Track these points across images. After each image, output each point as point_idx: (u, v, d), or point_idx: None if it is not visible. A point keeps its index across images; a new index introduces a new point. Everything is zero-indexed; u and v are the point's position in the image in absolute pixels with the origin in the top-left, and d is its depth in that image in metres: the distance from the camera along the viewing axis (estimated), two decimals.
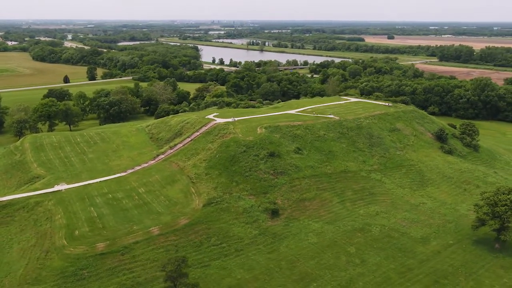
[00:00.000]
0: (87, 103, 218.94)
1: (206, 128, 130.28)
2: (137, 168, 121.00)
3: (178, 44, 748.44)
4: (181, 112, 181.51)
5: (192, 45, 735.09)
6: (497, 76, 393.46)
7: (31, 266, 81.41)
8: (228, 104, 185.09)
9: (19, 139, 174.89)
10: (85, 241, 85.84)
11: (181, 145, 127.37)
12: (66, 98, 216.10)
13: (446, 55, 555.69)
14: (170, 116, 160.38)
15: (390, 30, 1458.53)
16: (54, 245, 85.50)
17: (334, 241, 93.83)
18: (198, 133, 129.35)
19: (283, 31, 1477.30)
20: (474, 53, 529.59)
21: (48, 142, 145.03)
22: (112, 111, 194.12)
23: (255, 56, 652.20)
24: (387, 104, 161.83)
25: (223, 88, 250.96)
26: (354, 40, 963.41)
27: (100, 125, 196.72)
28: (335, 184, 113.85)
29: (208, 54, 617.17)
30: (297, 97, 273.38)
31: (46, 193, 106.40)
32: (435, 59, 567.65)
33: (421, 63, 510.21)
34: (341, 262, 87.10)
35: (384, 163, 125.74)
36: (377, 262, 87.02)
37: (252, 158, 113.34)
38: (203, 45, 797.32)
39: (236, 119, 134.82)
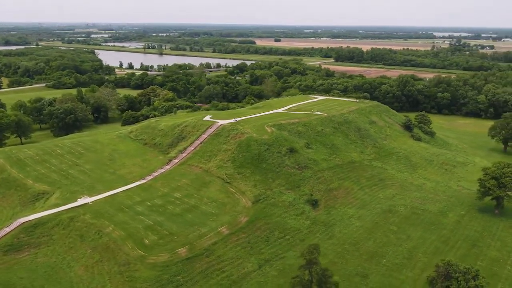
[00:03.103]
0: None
1: (213, 130, 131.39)
2: (155, 174, 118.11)
3: (72, 48, 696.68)
4: (152, 117, 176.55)
5: (85, 49, 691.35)
6: (391, 74, 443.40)
7: (118, 281, 77.68)
8: (197, 108, 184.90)
9: None
10: (163, 249, 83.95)
11: (192, 148, 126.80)
12: None
13: (341, 56, 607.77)
14: (153, 120, 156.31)
15: (272, 33, 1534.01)
16: (129, 256, 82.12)
17: (376, 223, 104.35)
18: (206, 135, 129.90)
19: (171, 34, 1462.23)
20: (365, 54, 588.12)
21: (26, 156, 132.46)
22: (68, 120, 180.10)
23: (155, 60, 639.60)
24: (354, 100, 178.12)
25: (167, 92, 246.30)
26: (246, 43, 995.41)
27: (54, 136, 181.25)
28: (348, 173, 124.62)
29: (107, 59, 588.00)
30: (235, 98, 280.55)
31: (72, 208, 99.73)
32: (331, 60, 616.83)
33: (321, 63, 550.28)
34: (392, 239, 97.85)
35: (377, 152, 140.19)
36: (420, 236, 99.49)
37: (276, 155, 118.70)
38: (95, 49, 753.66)
39: (237, 119, 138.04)
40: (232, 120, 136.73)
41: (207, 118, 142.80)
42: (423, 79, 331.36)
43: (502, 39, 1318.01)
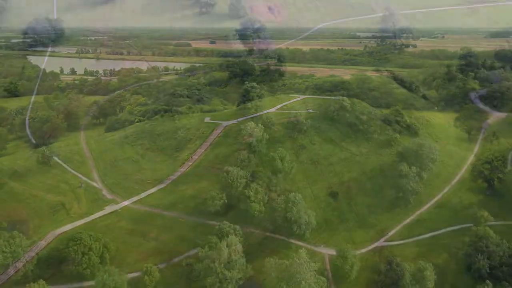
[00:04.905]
0: None
1: (219, 131, 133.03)
2: (172, 177, 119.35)
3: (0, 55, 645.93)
4: (137, 122, 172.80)
5: (15, 55, 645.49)
6: (338, 73, 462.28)
7: None
8: (179, 112, 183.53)
9: None
10: None
11: (202, 150, 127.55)
12: None
13: (282, 56, 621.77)
14: (147, 126, 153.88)
15: (206, 35, 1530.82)
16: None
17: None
18: (213, 137, 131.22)
19: (99, 37, 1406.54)
20: (306, 54, 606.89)
21: (21, 168, 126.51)
22: (46, 129, 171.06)
23: (94, 65, 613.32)
24: (334, 98, 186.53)
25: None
26: (182, 45, 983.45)
27: (31, 146, 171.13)
28: (353, 166, 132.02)
29: (41, 65, 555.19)
30: (200, 100, 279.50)
31: (104, 216, 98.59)
32: (272, 60, 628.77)
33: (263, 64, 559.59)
34: None
35: (371, 145, 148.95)
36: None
37: (290, 152, 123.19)
38: (25, 55, 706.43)
39: (239, 120, 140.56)
40: (235, 121, 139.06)
41: (207, 119, 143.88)
42: (370, 76, 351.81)
43: (420, 38, 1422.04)
